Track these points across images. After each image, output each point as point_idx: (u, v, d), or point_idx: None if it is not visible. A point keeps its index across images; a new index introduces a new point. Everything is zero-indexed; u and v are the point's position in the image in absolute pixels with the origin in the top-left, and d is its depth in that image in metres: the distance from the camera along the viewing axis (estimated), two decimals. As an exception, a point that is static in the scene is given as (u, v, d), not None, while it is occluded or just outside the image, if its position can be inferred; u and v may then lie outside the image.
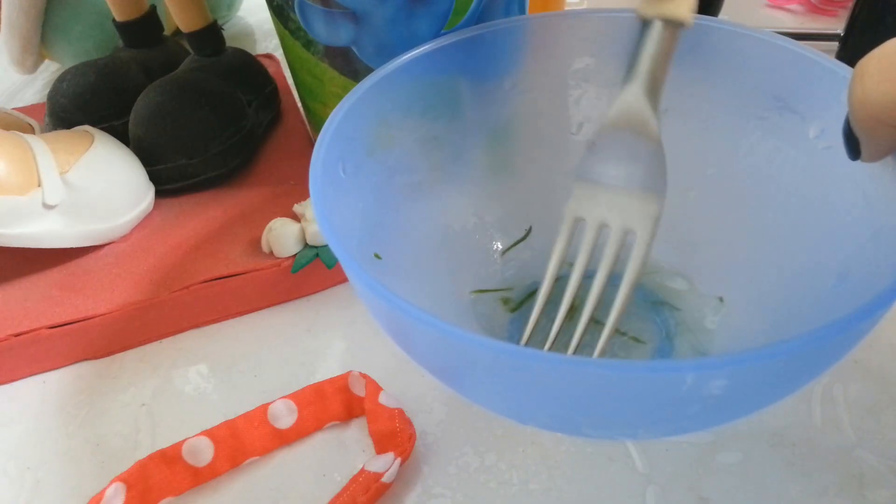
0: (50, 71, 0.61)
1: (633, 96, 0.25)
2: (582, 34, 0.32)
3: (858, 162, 0.22)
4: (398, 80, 0.29)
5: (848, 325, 0.17)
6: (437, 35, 0.32)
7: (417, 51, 0.30)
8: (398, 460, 0.27)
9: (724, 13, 0.52)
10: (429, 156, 0.32)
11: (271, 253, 0.35)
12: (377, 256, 0.27)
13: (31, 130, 0.40)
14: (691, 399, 0.19)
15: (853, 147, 0.21)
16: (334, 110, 0.27)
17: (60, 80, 0.43)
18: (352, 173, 0.27)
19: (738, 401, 0.20)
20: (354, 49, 0.34)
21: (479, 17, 0.33)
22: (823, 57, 0.27)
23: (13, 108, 0.46)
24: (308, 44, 0.35)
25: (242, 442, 0.28)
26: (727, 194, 0.31)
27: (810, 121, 0.28)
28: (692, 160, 0.31)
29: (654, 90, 0.25)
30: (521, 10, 0.36)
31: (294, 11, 0.33)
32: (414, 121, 0.31)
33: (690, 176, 0.31)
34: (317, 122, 0.40)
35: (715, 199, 0.31)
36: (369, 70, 0.34)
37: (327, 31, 0.33)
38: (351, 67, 0.35)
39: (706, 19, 0.29)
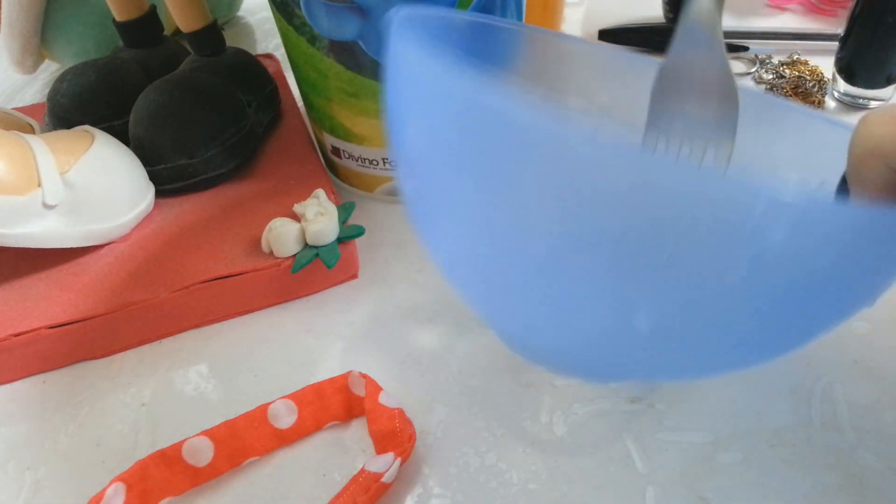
0: (50, 71, 0.61)
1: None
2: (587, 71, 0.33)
3: None
4: None
5: None
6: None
7: None
8: (398, 460, 0.27)
9: (725, 13, 0.52)
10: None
11: (271, 253, 0.35)
12: None
13: (31, 130, 0.40)
14: (746, 246, 0.17)
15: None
16: None
17: (60, 80, 0.43)
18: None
19: (783, 289, 0.19)
20: (361, 43, 0.34)
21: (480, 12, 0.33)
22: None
23: (13, 108, 0.46)
24: (313, 39, 0.35)
25: (242, 442, 0.28)
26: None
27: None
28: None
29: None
30: (518, 9, 0.36)
31: (299, 7, 0.33)
32: None
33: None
34: (319, 119, 0.40)
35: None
36: (375, 64, 0.34)
37: (334, 25, 0.33)
38: (356, 61, 0.35)
39: None
